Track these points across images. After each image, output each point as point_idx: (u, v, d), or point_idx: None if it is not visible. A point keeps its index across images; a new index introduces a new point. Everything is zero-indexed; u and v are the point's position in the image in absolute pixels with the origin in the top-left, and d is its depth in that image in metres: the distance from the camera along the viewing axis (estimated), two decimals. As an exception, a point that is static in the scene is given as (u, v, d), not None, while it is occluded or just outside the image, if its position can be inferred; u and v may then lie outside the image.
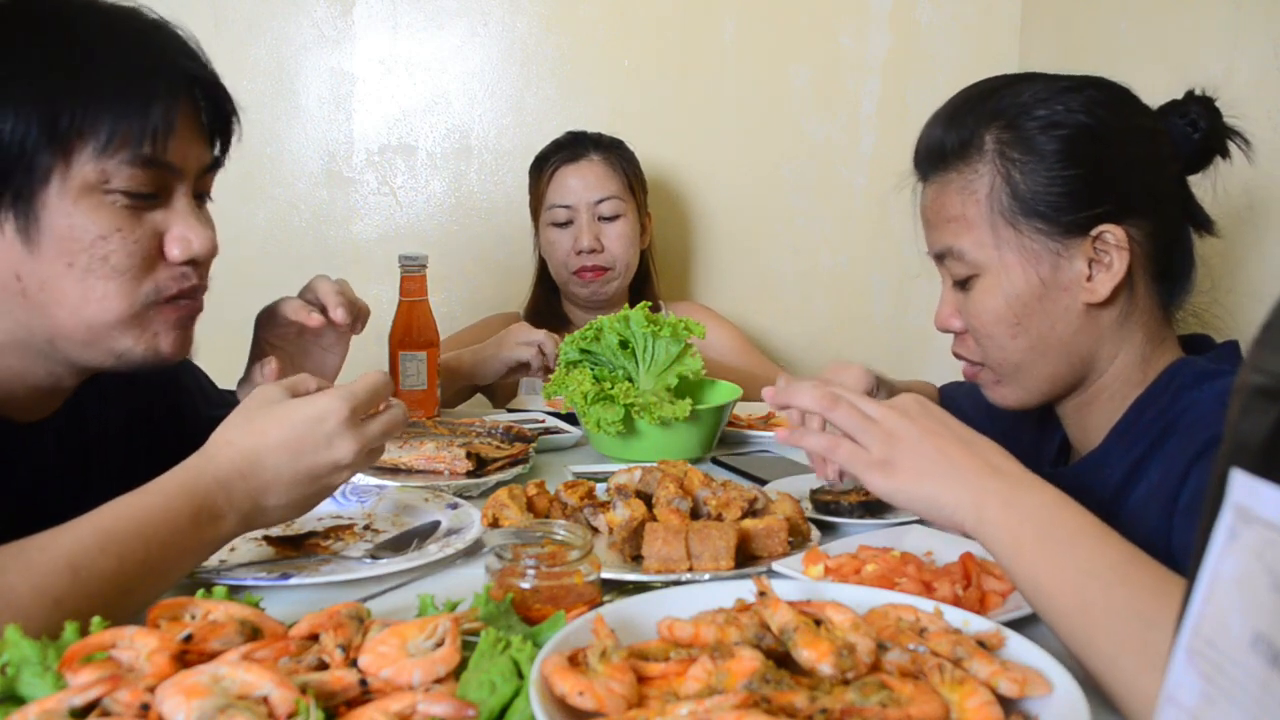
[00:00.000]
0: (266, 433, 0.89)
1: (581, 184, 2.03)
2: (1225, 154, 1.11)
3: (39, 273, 0.93)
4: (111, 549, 0.81)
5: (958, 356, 1.17)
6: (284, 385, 0.94)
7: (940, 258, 1.13)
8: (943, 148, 1.11)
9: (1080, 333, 1.08)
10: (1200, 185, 1.14)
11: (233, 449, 0.89)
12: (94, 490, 1.08)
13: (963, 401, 1.42)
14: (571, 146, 2.06)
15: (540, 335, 1.72)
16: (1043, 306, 1.07)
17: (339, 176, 2.39)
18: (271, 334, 1.27)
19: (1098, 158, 1.05)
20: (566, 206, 2.03)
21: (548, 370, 1.70)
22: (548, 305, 2.17)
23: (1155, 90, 1.12)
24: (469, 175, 2.41)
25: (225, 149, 1.06)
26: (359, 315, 1.28)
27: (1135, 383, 1.09)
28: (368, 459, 0.94)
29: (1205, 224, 1.12)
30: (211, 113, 1.02)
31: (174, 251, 0.99)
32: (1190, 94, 1.11)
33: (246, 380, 1.25)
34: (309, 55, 2.34)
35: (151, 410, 1.24)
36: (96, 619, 0.72)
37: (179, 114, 0.96)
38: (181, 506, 0.85)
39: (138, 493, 0.86)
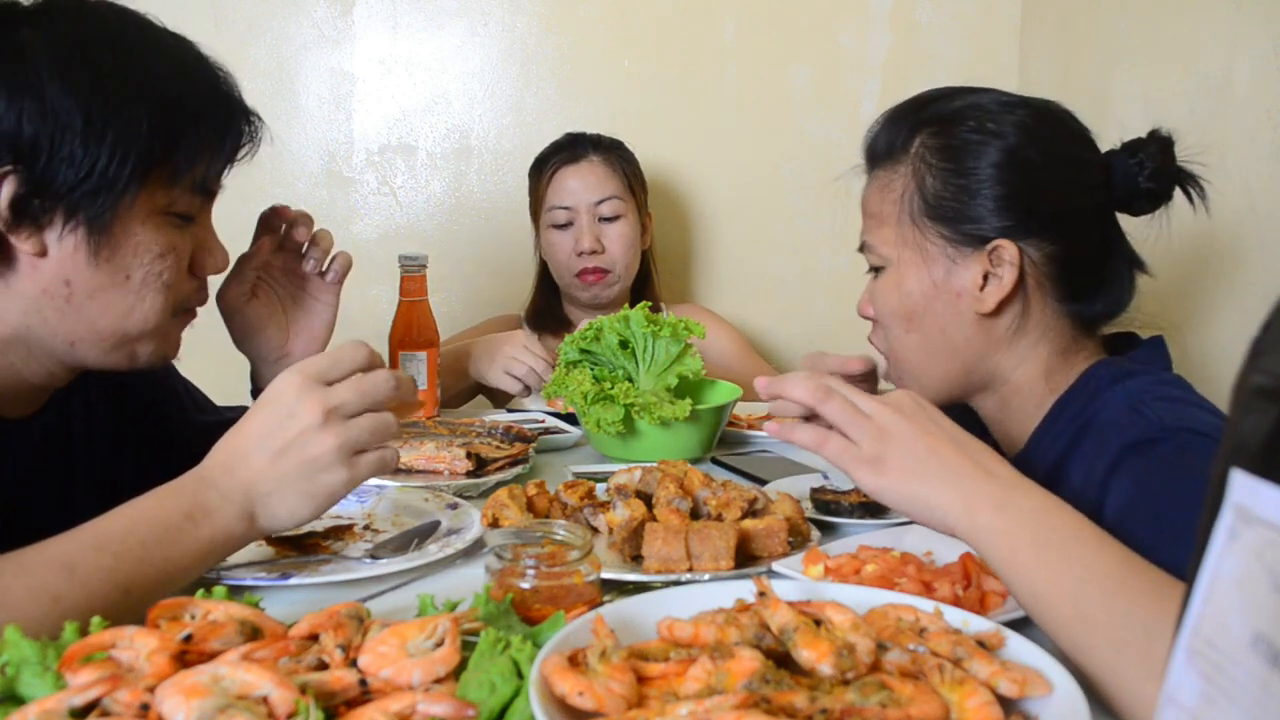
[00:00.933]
0: (243, 426, 0.90)
1: (581, 185, 2.03)
2: (1168, 199, 1.12)
3: (93, 282, 0.97)
4: (107, 546, 0.82)
5: (870, 343, 1.22)
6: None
7: (862, 248, 1.18)
8: (876, 146, 1.16)
9: (973, 340, 1.11)
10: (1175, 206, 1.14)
11: (218, 449, 0.91)
12: (79, 488, 1.08)
13: None
14: (571, 148, 2.06)
15: (525, 368, 1.68)
16: (934, 308, 1.10)
17: (339, 176, 2.39)
18: (251, 265, 1.28)
19: (1009, 176, 1.07)
20: (566, 208, 2.03)
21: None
22: (548, 307, 2.16)
23: (1155, 90, 1.11)
24: (469, 175, 2.40)
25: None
26: (328, 251, 1.29)
27: (1043, 392, 1.11)
28: (348, 429, 0.88)
29: (1136, 262, 1.13)
30: (237, 148, 1.08)
31: (205, 267, 1.08)
32: (1154, 133, 1.12)
33: (235, 280, 1.26)
34: (309, 55, 2.34)
35: (137, 411, 1.25)
36: (96, 619, 0.73)
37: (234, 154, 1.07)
38: (172, 504, 0.86)
39: (134, 500, 0.87)
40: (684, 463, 1.19)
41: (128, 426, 1.23)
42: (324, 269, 1.30)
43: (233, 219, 1.19)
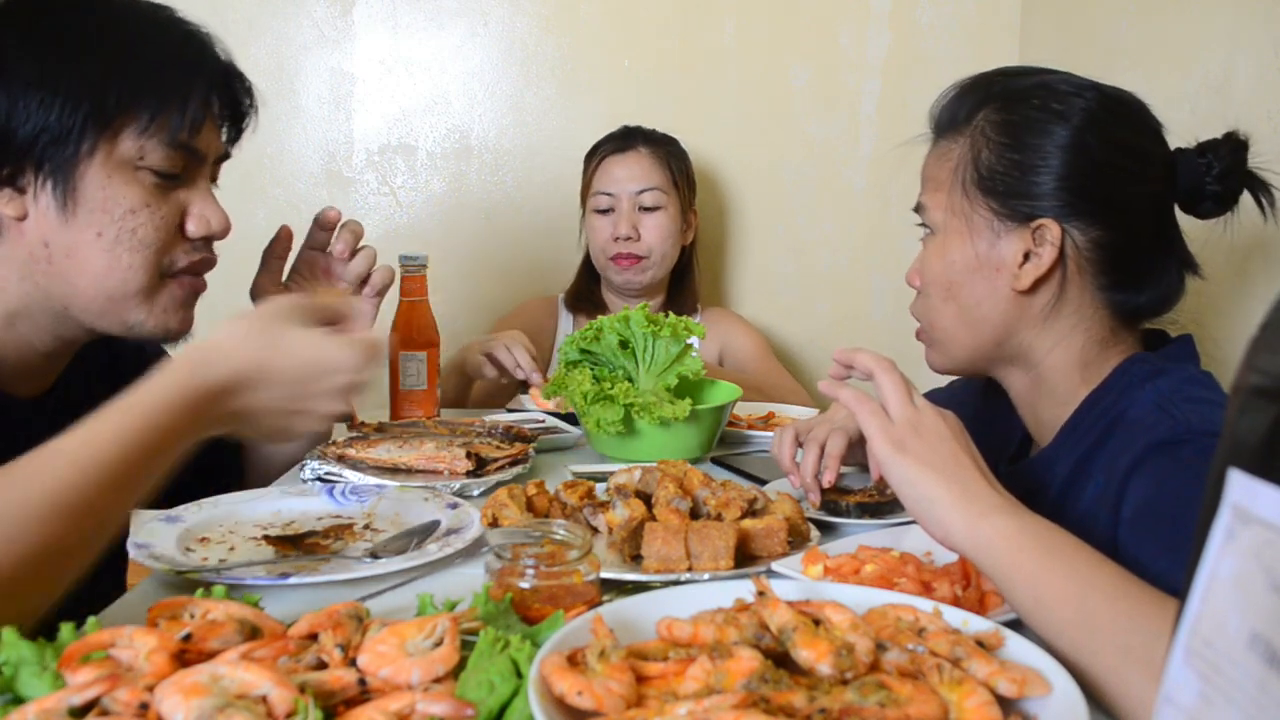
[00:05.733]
0: (278, 353, 0.92)
1: (626, 174, 2.10)
2: (1235, 203, 1.11)
3: (69, 241, 0.99)
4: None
5: (912, 314, 1.22)
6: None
7: (918, 208, 1.18)
8: (942, 116, 1.16)
9: (1007, 316, 1.11)
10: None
11: (238, 358, 0.91)
12: None
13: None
14: (621, 138, 2.14)
15: (492, 346, 1.68)
16: (973, 280, 1.11)
17: (339, 176, 2.39)
18: (273, 254, 1.29)
19: (1064, 157, 1.07)
20: (609, 194, 2.10)
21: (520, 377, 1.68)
22: (587, 290, 2.23)
23: (1155, 90, 1.11)
24: (469, 175, 2.40)
25: (236, 140, 1.14)
26: (360, 274, 1.31)
27: (1076, 382, 1.11)
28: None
29: (1188, 263, 1.13)
30: (232, 107, 1.10)
31: (193, 228, 1.07)
32: (1229, 135, 1.11)
33: (263, 272, 1.29)
34: (309, 55, 2.34)
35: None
36: (92, 619, 0.73)
37: (209, 107, 1.06)
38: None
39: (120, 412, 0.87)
40: (684, 463, 1.19)
41: None
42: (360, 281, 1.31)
43: (233, 219, 1.19)
